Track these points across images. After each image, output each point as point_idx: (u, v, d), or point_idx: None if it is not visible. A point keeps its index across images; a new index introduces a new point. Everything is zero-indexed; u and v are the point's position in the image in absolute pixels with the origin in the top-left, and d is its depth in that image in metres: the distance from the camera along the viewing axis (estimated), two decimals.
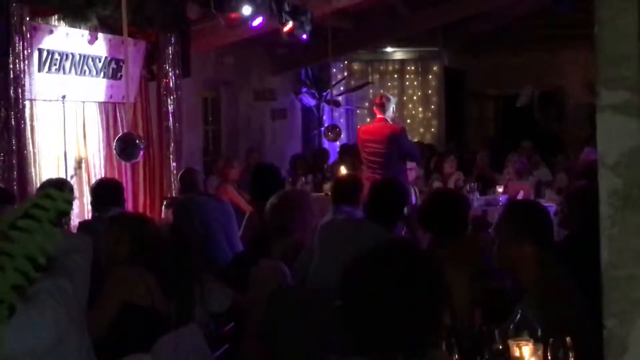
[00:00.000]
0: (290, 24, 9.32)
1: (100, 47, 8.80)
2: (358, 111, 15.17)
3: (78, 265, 3.27)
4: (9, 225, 1.48)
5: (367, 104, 14.59)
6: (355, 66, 15.53)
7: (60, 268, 3.12)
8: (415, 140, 14.45)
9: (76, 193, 8.36)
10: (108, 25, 8.60)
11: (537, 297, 3.38)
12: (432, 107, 15.47)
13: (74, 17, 8.26)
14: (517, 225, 3.63)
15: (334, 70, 15.10)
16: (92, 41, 8.59)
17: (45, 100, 8.18)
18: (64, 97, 8.17)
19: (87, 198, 8.50)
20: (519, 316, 3.09)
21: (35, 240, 1.46)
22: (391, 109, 8.97)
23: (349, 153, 11.49)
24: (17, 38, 7.48)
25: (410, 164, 8.76)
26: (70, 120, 8.54)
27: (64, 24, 8.32)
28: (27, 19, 7.63)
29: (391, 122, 8.88)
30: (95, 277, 3.54)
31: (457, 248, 4.33)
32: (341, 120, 15.05)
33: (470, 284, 3.81)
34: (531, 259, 3.53)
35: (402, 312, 2.27)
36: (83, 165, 8.76)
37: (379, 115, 8.97)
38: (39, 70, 7.97)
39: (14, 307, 1.66)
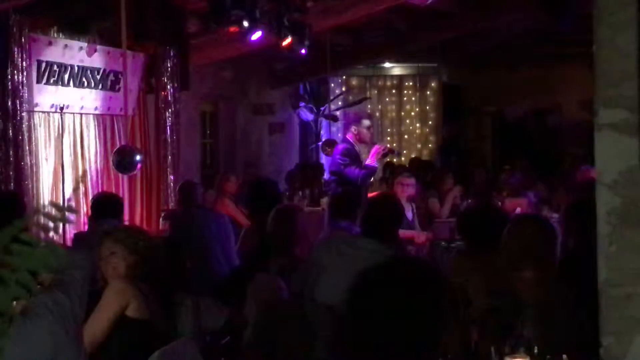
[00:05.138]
0: (289, 39, 9.33)
1: (99, 60, 8.81)
2: None
3: (76, 280, 3.27)
4: (12, 239, 1.48)
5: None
6: (354, 81, 15.54)
7: (58, 283, 3.11)
8: (413, 156, 14.47)
9: (73, 205, 8.36)
10: (107, 38, 8.61)
11: (537, 314, 3.37)
12: (430, 122, 15.48)
13: (73, 29, 8.28)
14: (520, 242, 3.61)
15: (332, 85, 15.11)
16: (90, 53, 8.59)
17: (43, 111, 8.18)
18: (62, 108, 8.17)
19: (84, 210, 8.50)
20: (515, 334, 3.08)
21: (37, 254, 1.46)
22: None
23: None
24: (16, 49, 7.50)
25: (408, 180, 8.75)
26: (68, 132, 8.54)
27: (63, 36, 8.33)
28: (27, 30, 7.64)
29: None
30: (90, 290, 3.54)
31: (487, 259, 4.34)
32: (339, 135, 15.04)
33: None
34: (532, 277, 3.52)
35: (405, 329, 2.25)
36: (80, 184, 8.73)
37: None
38: (38, 81, 7.97)
39: (12, 320, 1.65)
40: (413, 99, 15.55)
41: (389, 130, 15.54)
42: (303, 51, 9.71)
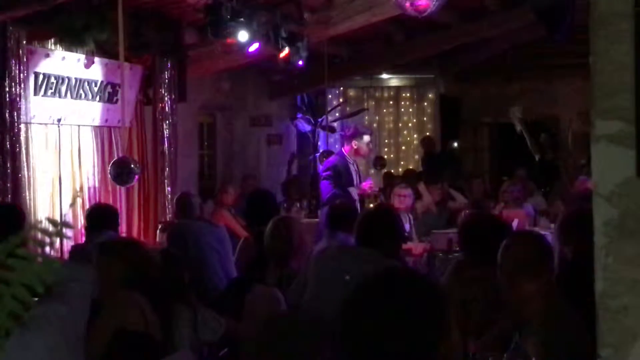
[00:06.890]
0: (286, 50, 9.35)
1: (97, 71, 8.81)
2: None
3: (76, 292, 3.26)
4: (8, 254, 1.47)
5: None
6: (351, 92, 15.56)
7: (57, 295, 3.11)
8: (410, 167, 14.45)
9: (70, 218, 8.35)
10: (104, 50, 8.62)
11: (536, 326, 3.36)
12: (427, 133, 15.48)
13: (71, 41, 8.28)
14: (518, 258, 3.60)
15: (330, 96, 15.12)
16: (88, 65, 8.60)
17: (40, 123, 8.18)
18: (59, 120, 8.17)
19: (81, 222, 8.49)
20: (513, 346, 3.07)
21: (33, 268, 1.45)
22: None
23: None
24: (13, 61, 7.51)
25: (405, 191, 8.76)
26: (66, 144, 8.53)
27: (61, 48, 8.34)
28: (24, 42, 7.65)
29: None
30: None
31: (487, 271, 4.33)
32: (336, 146, 15.03)
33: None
34: (531, 290, 3.50)
35: (402, 342, 2.23)
36: (78, 198, 8.72)
37: None
38: (35, 93, 7.98)
39: (9, 333, 1.65)
40: (410, 110, 15.56)
41: (386, 141, 15.55)
42: (300, 62, 9.73)
